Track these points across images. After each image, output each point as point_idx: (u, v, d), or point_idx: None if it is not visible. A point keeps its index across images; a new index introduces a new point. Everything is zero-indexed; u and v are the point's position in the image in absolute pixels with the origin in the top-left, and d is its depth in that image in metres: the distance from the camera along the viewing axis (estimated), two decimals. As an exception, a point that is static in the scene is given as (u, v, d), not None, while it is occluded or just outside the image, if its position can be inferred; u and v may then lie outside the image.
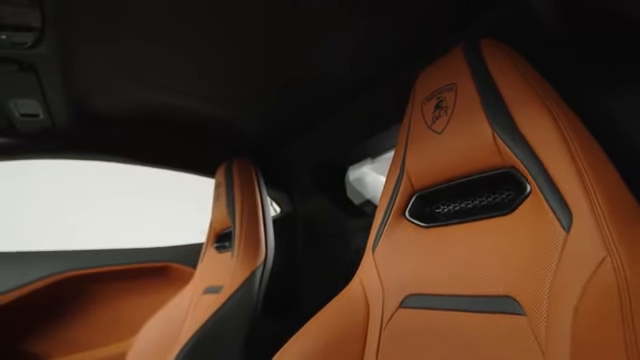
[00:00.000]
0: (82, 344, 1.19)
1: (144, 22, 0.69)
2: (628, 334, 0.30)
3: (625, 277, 0.34)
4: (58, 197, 1.78)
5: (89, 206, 1.89)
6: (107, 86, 0.94)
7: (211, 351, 0.82)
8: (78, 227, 1.70)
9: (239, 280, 0.92)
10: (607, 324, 0.32)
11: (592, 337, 0.33)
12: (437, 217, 0.61)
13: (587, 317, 0.35)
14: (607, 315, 0.33)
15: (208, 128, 1.22)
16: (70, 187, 1.77)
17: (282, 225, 1.51)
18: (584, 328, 0.35)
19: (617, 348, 0.30)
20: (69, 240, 1.32)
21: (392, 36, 0.76)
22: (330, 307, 0.64)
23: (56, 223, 1.68)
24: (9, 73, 0.77)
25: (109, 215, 1.90)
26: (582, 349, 0.34)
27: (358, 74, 0.90)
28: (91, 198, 1.88)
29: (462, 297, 0.50)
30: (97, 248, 1.33)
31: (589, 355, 0.33)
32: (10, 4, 0.57)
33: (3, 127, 0.99)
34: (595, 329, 0.33)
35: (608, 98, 0.56)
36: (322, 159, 1.32)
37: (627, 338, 0.30)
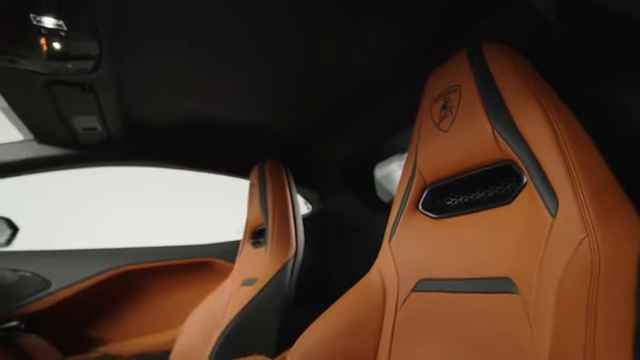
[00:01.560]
0: (134, 331, 1.33)
1: (188, 41, 0.79)
2: (591, 302, 0.35)
3: (599, 255, 0.38)
4: (115, 199, 1.98)
5: (141, 207, 2.07)
6: (154, 100, 1.07)
7: (248, 335, 0.91)
8: (133, 227, 1.88)
9: (272, 272, 1.01)
10: (578, 294, 0.37)
11: (568, 307, 0.38)
12: (447, 209, 0.66)
13: (566, 291, 0.39)
14: (579, 287, 0.37)
15: (243, 133, 1.32)
16: (128, 191, 1.97)
17: (314, 222, 1.59)
18: (563, 301, 0.39)
19: (580, 314, 0.35)
20: (124, 238, 1.48)
21: (406, 39, 0.81)
22: (351, 293, 0.70)
23: (113, 223, 1.86)
24: (73, 95, 0.90)
25: (159, 216, 2.07)
26: (561, 320, 0.38)
27: (380, 75, 0.95)
28: (144, 201, 2.07)
29: (467, 280, 0.55)
30: (148, 245, 1.48)
31: (564, 323, 0.37)
32: (75, 39, 0.69)
33: (69, 140, 1.14)
34: (570, 300, 0.38)
35: (607, 92, 0.58)
36: (350, 158, 1.38)
37: (589, 305, 0.35)
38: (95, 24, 0.68)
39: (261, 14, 0.71)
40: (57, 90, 0.88)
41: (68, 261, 1.31)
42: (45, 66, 0.76)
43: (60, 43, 0.70)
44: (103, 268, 1.33)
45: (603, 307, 0.34)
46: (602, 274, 0.36)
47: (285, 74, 0.95)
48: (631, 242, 0.38)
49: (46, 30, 0.66)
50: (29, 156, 1.13)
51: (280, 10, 0.70)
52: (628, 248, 0.38)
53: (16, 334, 1.13)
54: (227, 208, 1.75)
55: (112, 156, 1.24)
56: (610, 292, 0.35)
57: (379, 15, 0.73)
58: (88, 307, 1.30)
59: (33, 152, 1.15)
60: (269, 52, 0.85)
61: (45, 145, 1.16)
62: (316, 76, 0.97)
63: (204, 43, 0.80)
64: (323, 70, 0.93)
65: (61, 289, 1.25)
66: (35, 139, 1.15)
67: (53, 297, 1.24)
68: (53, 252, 1.32)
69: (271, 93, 1.06)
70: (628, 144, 0.57)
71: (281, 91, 1.04)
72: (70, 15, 0.64)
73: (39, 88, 0.87)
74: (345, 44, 0.82)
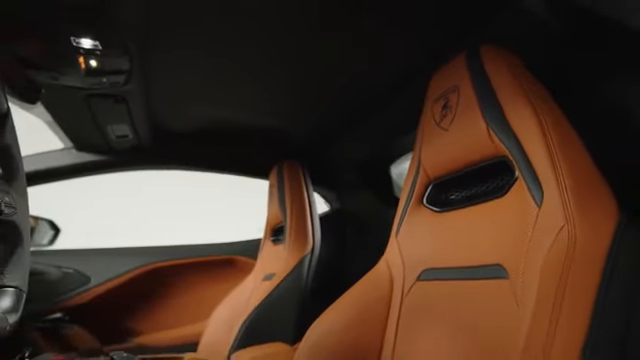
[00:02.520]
0: (165, 324, 1.42)
1: (210, 52, 0.86)
2: (561, 282, 0.38)
3: (575, 241, 0.42)
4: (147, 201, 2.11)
5: (169, 207, 2.20)
6: (179, 107, 1.15)
7: (267, 326, 0.98)
8: (163, 226, 2.00)
9: (290, 267, 1.07)
10: (553, 276, 0.41)
11: (545, 288, 0.42)
12: (449, 203, 0.69)
13: (546, 274, 0.43)
14: (555, 270, 0.41)
15: (262, 136, 1.39)
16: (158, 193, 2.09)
17: (332, 220, 1.64)
18: (543, 282, 0.43)
19: (552, 293, 0.38)
20: (156, 237, 1.58)
21: (414, 44, 0.85)
22: (359, 284, 0.75)
23: (146, 223, 1.99)
24: (107, 106, 1.00)
25: (186, 216, 2.19)
26: (539, 300, 0.42)
27: (391, 77, 0.99)
28: (173, 202, 2.19)
29: (465, 268, 0.59)
30: (177, 244, 1.57)
31: (540, 302, 0.41)
32: (109, 56, 0.78)
33: (104, 147, 1.24)
34: (548, 281, 0.42)
35: (602, 87, 0.61)
36: (365, 157, 1.42)
37: (559, 286, 0.38)
38: (126, 43, 0.76)
39: (278, 23, 0.77)
40: (93, 102, 0.98)
41: (105, 258, 1.42)
42: (83, 81, 0.85)
43: (96, 61, 0.78)
44: (136, 265, 1.44)
45: (571, 288, 0.38)
46: (575, 258, 0.40)
47: (301, 79, 1.01)
48: (606, 229, 0.42)
49: (84, 50, 0.75)
50: (69, 163, 1.25)
51: (296, 19, 0.76)
52: (602, 235, 0.41)
53: (61, 325, 1.25)
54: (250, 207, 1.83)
55: (142, 160, 1.34)
56: (579, 274, 0.38)
57: (389, 22, 0.78)
58: (123, 301, 1.40)
59: (72, 159, 1.27)
60: (286, 59, 0.91)
61: (83, 152, 1.27)
62: (331, 80, 1.02)
63: (225, 53, 0.87)
64: (337, 74, 0.99)
65: (99, 284, 1.36)
66: (74, 147, 1.26)
67: (92, 291, 1.35)
68: (92, 250, 1.44)
69: (288, 97, 1.12)
70: (624, 138, 0.60)
71: (298, 95, 1.10)
72: (104, 36, 0.72)
73: (78, 101, 0.96)
74: (358, 49, 0.87)
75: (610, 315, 0.34)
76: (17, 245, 0.48)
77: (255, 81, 1.01)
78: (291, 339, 0.97)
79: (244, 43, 0.84)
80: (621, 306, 0.35)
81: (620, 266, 0.38)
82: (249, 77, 0.99)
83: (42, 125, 1.18)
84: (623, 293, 0.36)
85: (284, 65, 0.94)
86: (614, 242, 0.40)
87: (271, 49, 0.87)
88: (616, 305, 0.35)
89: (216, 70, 0.96)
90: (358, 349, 0.67)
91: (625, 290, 0.36)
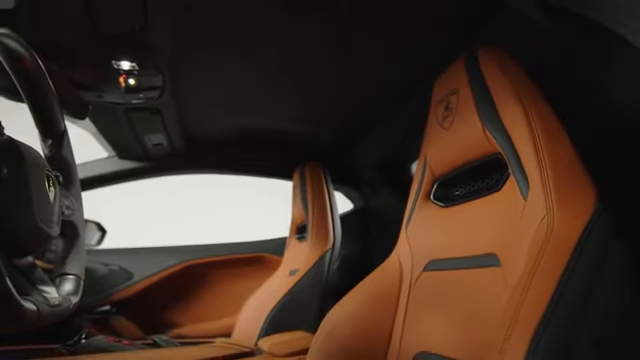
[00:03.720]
0: (200, 316, 1.53)
1: (235, 67, 0.95)
2: (534, 268, 0.43)
3: (552, 230, 0.46)
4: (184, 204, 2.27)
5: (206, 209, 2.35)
6: (208, 117, 1.26)
7: (291, 316, 1.05)
8: (199, 226, 2.14)
9: (312, 262, 1.14)
10: (530, 262, 0.45)
11: (525, 271, 0.46)
12: (453, 198, 0.74)
13: (527, 259, 0.47)
14: (533, 257, 0.45)
15: (286, 140, 1.47)
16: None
17: (355, 218, 1.70)
18: (526, 269, 0.47)
19: (526, 279, 0.43)
20: (192, 236, 1.71)
21: (423, 50, 0.91)
22: (372, 275, 0.81)
23: (186, 224, 2.15)
24: (144, 118, 1.11)
25: (219, 217, 2.32)
26: (519, 281, 0.46)
27: (404, 82, 1.05)
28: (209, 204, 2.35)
29: (465, 258, 0.64)
30: (211, 243, 1.69)
31: (519, 282, 0.45)
32: (144, 75, 0.88)
33: (141, 155, 1.37)
34: (527, 264, 0.46)
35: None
36: (385, 158, 1.47)
37: (531, 271, 0.43)
38: (158, 63, 0.86)
39: (298, 38, 0.85)
40: (132, 115, 1.09)
41: (146, 256, 1.55)
42: (123, 98, 0.96)
43: (134, 79, 0.89)
44: (174, 262, 1.56)
45: (542, 267, 0.42)
46: (550, 242, 0.44)
47: (321, 87, 1.08)
48: (582, 218, 0.45)
49: (123, 71, 0.85)
50: (112, 170, 1.38)
51: (314, 35, 0.84)
52: (577, 222, 0.45)
53: (109, 316, 1.38)
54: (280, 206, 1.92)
55: (176, 166, 1.45)
56: (551, 255, 0.43)
57: (402, 29, 0.84)
58: (163, 295, 1.53)
59: (115, 166, 1.40)
60: (306, 69, 0.99)
61: (124, 160, 1.40)
62: (349, 86, 1.09)
63: (248, 66, 0.96)
64: (355, 81, 1.06)
65: (141, 280, 1.49)
66: (116, 155, 1.39)
67: (135, 287, 1.48)
68: (134, 249, 1.58)
69: (309, 104, 1.20)
70: (614, 131, 0.62)
71: (318, 101, 1.18)
72: (140, 59, 0.82)
73: (119, 115, 1.08)
74: (373, 57, 0.93)
75: (570, 292, 0.39)
76: (75, 240, 0.58)
77: (278, 90, 1.09)
78: (312, 327, 1.04)
79: (266, 57, 0.92)
80: (582, 285, 0.39)
81: (588, 249, 0.42)
82: (272, 87, 1.07)
83: (88, 136, 1.32)
84: (586, 273, 0.40)
85: (304, 74, 1.01)
86: (586, 229, 0.44)
87: (294, 63, 0.95)
88: (577, 284, 0.39)
89: (240, 82, 1.05)
90: (369, 334, 0.73)
91: (589, 270, 0.40)
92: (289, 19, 0.81)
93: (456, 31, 0.84)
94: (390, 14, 0.80)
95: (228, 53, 0.91)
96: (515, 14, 0.73)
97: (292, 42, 0.88)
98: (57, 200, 0.49)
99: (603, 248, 0.43)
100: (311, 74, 1.02)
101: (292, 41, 0.88)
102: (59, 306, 0.46)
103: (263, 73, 1.00)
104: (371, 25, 0.83)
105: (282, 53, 0.92)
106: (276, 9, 0.77)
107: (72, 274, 0.55)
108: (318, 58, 0.94)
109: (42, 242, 0.46)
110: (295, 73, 1.01)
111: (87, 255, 0.60)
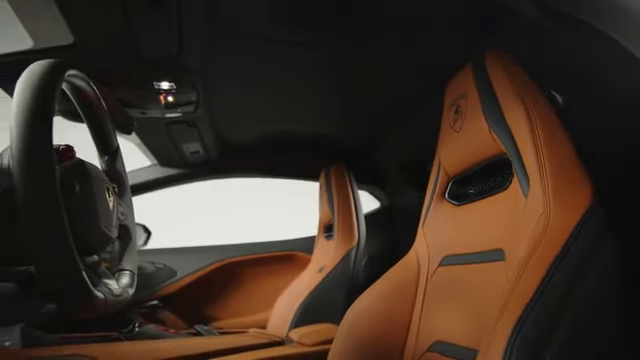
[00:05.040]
0: (237, 311, 1.64)
1: (261, 81, 1.04)
2: (529, 254, 0.47)
3: (548, 225, 0.50)
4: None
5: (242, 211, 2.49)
6: (239, 125, 1.36)
7: (318, 310, 1.12)
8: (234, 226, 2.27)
9: (338, 259, 1.21)
10: (527, 256, 0.49)
11: (522, 265, 0.50)
12: (465, 197, 0.78)
13: (525, 253, 0.52)
14: (529, 250, 0.50)
15: (311, 144, 1.55)
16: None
17: (382, 216, 1.75)
18: (522, 260, 0.51)
19: (520, 271, 0.47)
20: (228, 235, 1.83)
21: (437, 56, 0.95)
22: (392, 270, 0.86)
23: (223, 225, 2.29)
24: (181, 129, 1.22)
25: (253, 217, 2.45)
26: (517, 272, 0.51)
27: (421, 86, 1.09)
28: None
29: (476, 253, 0.68)
30: (246, 242, 1.80)
31: (517, 273, 0.50)
32: (181, 93, 0.98)
33: (180, 163, 1.49)
34: (525, 257, 0.50)
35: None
36: (407, 157, 1.51)
37: (525, 262, 0.47)
38: (194, 81, 0.96)
39: (320, 53, 0.94)
40: (171, 128, 1.21)
41: (187, 255, 1.68)
42: (163, 113, 1.07)
43: (172, 97, 0.99)
44: (212, 261, 1.68)
45: (535, 257, 0.46)
46: (544, 239, 0.48)
47: (343, 94, 1.16)
48: (576, 213, 0.49)
49: (163, 90, 0.96)
50: (155, 177, 1.51)
51: (334, 52, 0.92)
52: (572, 217, 0.49)
53: (156, 310, 1.52)
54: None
55: (211, 171, 1.57)
56: (545, 247, 0.47)
57: (413, 40, 0.91)
58: (202, 291, 1.65)
59: (157, 173, 1.53)
60: (328, 79, 1.06)
61: (165, 167, 1.53)
62: (370, 91, 1.15)
63: (274, 79, 1.05)
64: (375, 87, 1.12)
65: (184, 277, 1.62)
66: (158, 163, 1.53)
67: (178, 283, 1.61)
68: (177, 249, 1.71)
69: (333, 109, 1.27)
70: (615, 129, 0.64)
71: (342, 107, 1.25)
72: (177, 79, 0.92)
73: (160, 128, 1.20)
74: (390, 67, 1.01)
75: (556, 280, 0.43)
76: (129, 241, 0.68)
77: (302, 98, 1.18)
78: (339, 320, 1.10)
79: (289, 70, 1.01)
80: (570, 274, 0.43)
81: (578, 242, 0.45)
82: (297, 96, 1.16)
83: (133, 147, 1.46)
84: (574, 264, 0.44)
85: (326, 83, 1.09)
86: (579, 223, 0.48)
87: (314, 72, 1.03)
88: (565, 273, 0.43)
89: (266, 93, 1.14)
90: (389, 324, 0.78)
91: (578, 262, 0.44)
92: (308, 36, 0.88)
93: (470, 33, 0.88)
94: (402, 28, 0.85)
95: (254, 68, 1.00)
96: (520, 19, 0.76)
97: (312, 56, 0.95)
98: (115, 208, 0.59)
99: (593, 242, 0.46)
100: (333, 82, 1.09)
101: (312, 55, 0.95)
102: (120, 296, 0.55)
103: (287, 84, 1.08)
104: (387, 38, 0.89)
105: (304, 65, 1.00)
106: (296, 28, 0.85)
107: (128, 270, 0.65)
108: (338, 69, 1.01)
109: (105, 243, 0.56)
110: (317, 82, 1.09)
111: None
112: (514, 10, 0.77)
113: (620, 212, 0.50)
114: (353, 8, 0.83)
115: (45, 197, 0.39)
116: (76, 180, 0.48)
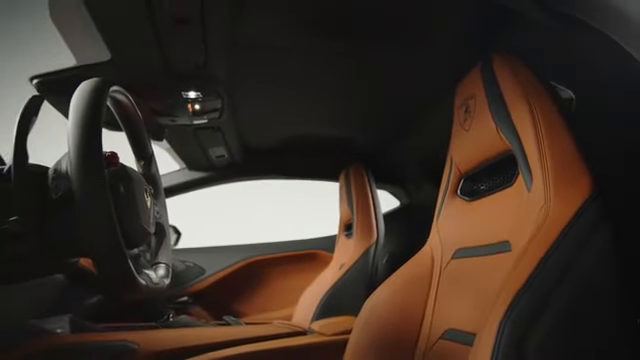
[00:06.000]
0: (263, 307, 1.71)
1: (282, 88, 1.10)
2: (528, 243, 0.51)
3: (547, 216, 0.53)
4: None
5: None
6: (261, 130, 1.43)
7: (338, 303, 1.18)
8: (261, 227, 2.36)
9: (357, 255, 1.25)
10: (527, 243, 0.53)
11: (521, 252, 0.54)
12: (476, 193, 0.81)
13: (525, 243, 0.55)
14: (530, 240, 0.53)
15: (331, 145, 1.60)
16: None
17: (402, 214, 1.78)
18: (522, 248, 0.55)
19: (521, 250, 0.51)
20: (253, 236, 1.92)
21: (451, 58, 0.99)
22: (407, 264, 0.90)
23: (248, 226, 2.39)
24: (208, 134, 1.30)
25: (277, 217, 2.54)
26: (516, 258, 0.54)
27: (435, 88, 1.13)
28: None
29: (485, 246, 0.71)
30: (270, 241, 1.87)
31: (516, 259, 0.53)
32: (207, 101, 1.06)
33: (207, 166, 1.58)
34: (524, 246, 0.54)
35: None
36: (425, 156, 1.54)
37: (522, 250, 0.50)
38: (218, 90, 1.03)
39: (341, 59, 1.00)
40: (198, 133, 1.29)
41: (215, 254, 1.77)
42: (191, 120, 1.15)
43: (199, 105, 1.07)
44: (238, 259, 1.76)
45: (532, 245, 0.50)
46: (542, 229, 0.52)
47: (360, 97, 1.21)
48: (573, 206, 0.52)
49: (190, 99, 1.04)
50: (184, 180, 1.61)
51: (349, 57, 0.97)
52: (569, 208, 0.52)
53: (187, 306, 1.61)
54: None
55: (236, 174, 1.65)
56: (542, 236, 0.50)
57: (426, 44, 0.96)
58: (229, 287, 1.73)
59: (186, 177, 1.63)
60: (346, 83, 1.12)
61: (193, 171, 1.62)
62: (387, 94, 1.20)
63: (296, 84, 1.11)
64: (391, 90, 1.17)
65: (212, 274, 1.70)
66: (187, 167, 1.62)
67: (207, 280, 1.70)
68: (205, 248, 1.80)
69: (351, 112, 1.32)
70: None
71: (362, 109, 1.30)
72: (203, 89, 1.00)
73: (188, 134, 1.28)
74: (404, 70, 1.06)
75: (550, 265, 0.46)
76: (164, 237, 0.75)
77: (323, 103, 1.24)
78: (358, 313, 1.15)
79: (309, 76, 1.07)
80: (563, 260, 0.46)
81: (574, 231, 0.48)
82: (319, 100, 1.22)
83: (163, 152, 1.55)
84: (569, 251, 0.47)
85: (344, 87, 1.14)
86: (576, 214, 0.50)
87: (332, 77, 1.08)
88: (559, 259, 0.46)
89: (287, 98, 1.20)
90: (404, 315, 0.82)
91: (572, 248, 0.47)
92: (327, 44, 0.94)
93: (482, 33, 0.92)
94: (414, 33, 0.90)
95: (275, 75, 1.06)
96: (526, 22, 0.79)
97: (331, 62, 1.01)
98: (152, 207, 0.66)
99: (590, 230, 0.49)
100: (351, 86, 1.15)
101: (332, 61, 1.01)
102: (158, 284, 0.62)
103: (307, 89, 1.14)
104: (402, 41, 0.94)
105: (324, 71, 1.06)
106: (315, 37, 0.91)
107: (163, 263, 0.72)
108: (357, 73, 1.07)
109: (145, 238, 0.63)
110: (337, 87, 1.14)
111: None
112: (518, 11, 0.80)
113: (620, 211, 0.53)
114: (369, 15, 0.88)
115: (98, 198, 0.46)
116: (121, 183, 0.55)
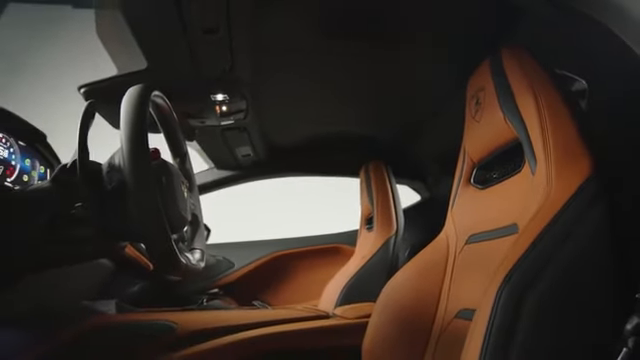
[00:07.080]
0: (289, 299, 1.78)
1: (305, 88, 1.17)
2: (527, 222, 0.55)
3: (548, 196, 0.57)
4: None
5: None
6: (285, 129, 1.51)
7: (359, 291, 1.23)
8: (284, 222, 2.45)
9: (377, 247, 1.31)
10: (528, 222, 0.57)
11: (523, 231, 0.58)
12: (489, 180, 0.85)
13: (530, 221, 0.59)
14: (534, 216, 0.57)
15: (352, 142, 1.66)
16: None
17: (423, 208, 1.81)
18: (524, 229, 0.58)
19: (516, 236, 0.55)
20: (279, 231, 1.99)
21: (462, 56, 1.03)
22: (424, 251, 0.95)
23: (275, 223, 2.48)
24: (234, 134, 1.39)
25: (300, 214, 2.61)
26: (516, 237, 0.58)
27: (450, 85, 1.17)
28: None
29: (496, 229, 0.75)
30: (295, 236, 1.95)
31: (519, 238, 0.57)
32: (233, 102, 1.14)
33: (234, 165, 1.67)
34: (524, 225, 0.57)
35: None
36: (443, 150, 1.57)
37: (521, 230, 0.55)
38: (243, 92, 1.11)
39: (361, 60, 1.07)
40: (226, 134, 1.37)
41: (244, 249, 1.86)
42: (219, 121, 1.24)
43: (226, 107, 1.15)
44: (265, 253, 1.84)
45: (530, 223, 0.54)
46: (542, 208, 0.56)
47: (379, 95, 1.26)
48: (571, 187, 0.56)
49: (218, 102, 1.12)
50: (213, 179, 1.70)
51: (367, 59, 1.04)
52: (569, 189, 0.56)
53: (217, 297, 1.70)
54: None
55: (261, 172, 1.73)
56: (541, 215, 0.54)
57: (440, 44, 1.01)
58: (257, 280, 1.81)
59: (215, 176, 1.72)
60: (365, 83, 1.18)
61: (221, 170, 1.72)
62: (405, 91, 1.25)
63: (316, 85, 1.18)
64: (408, 88, 1.22)
65: (241, 268, 1.80)
66: (215, 166, 1.72)
67: (236, 273, 1.79)
68: (234, 244, 1.90)
69: (370, 109, 1.38)
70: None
71: (378, 107, 1.36)
72: (230, 91, 1.08)
73: (216, 134, 1.37)
74: (421, 68, 1.11)
75: (544, 242, 0.50)
76: (198, 226, 0.84)
77: (345, 102, 1.30)
78: (378, 299, 1.20)
79: (329, 76, 1.13)
80: (557, 237, 0.50)
81: (570, 210, 0.52)
82: (340, 99, 1.28)
83: (193, 152, 1.65)
84: (564, 229, 0.51)
85: (366, 87, 1.20)
86: (574, 195, 0.54)
87: (351, 77, 1.15)
88: (553, 236, 0.50)
89: (309, 98, 1.27)
90: (421, 297, 0.87)
91: (567, 227, 0.51)
92: (348, 46, 1.00)
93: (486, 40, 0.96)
94: (430, 33, 0.95)
95: (297, 76, 1.14)
96: (535, 17, 0.82)
97: (352, 63, 1.08)
98: (188, 198, 0.74)
99: (586, 208, 0.53)
100: (371, 86, 1.21)
101: (352, 62, 1.07)
102: (195, 266, 0.70)
103: (329, 88, 1.21)
104: (417, 40, 0.99)
105: (345, 72, 1.12)
106: (332, 40, 0.98)
107: (198, 248, 0.80)
108: (377, 73, 1.13)
109: (183, 224, 0.71)
110: (357, 86, 1.21)
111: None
112: (529, 7, 0.83)
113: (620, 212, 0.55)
114: (386, 16, 0.94)
115: (148, 189, 0.54)
116: (163, 175, 0.64)
